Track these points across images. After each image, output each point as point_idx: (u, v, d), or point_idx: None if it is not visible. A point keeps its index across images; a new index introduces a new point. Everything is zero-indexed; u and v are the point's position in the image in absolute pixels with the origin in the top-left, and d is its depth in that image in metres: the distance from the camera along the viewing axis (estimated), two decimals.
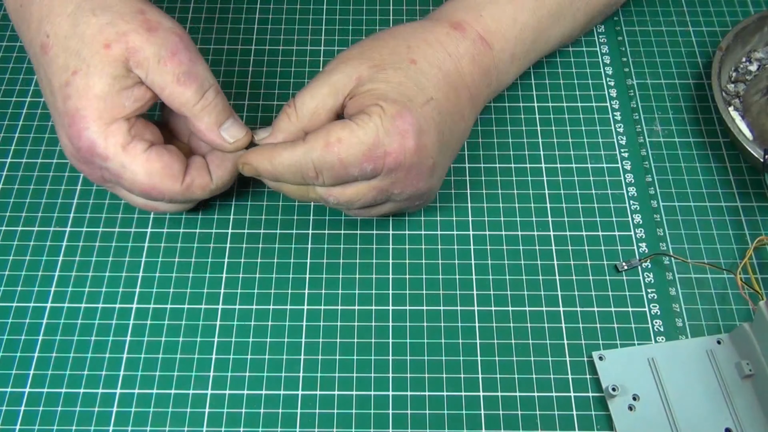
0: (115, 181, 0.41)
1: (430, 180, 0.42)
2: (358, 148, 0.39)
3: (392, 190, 0.41)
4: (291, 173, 0.40)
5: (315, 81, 0.41)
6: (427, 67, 0.41)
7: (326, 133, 0.39)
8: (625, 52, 0.55)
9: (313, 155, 0.39)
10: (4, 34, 0.56)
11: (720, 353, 0.42)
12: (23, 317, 0.44)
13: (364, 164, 0.39)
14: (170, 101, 0.40)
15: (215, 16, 0.57)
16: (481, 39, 0.44)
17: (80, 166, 0.42)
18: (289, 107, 0.41)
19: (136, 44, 0.39)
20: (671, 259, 0.46)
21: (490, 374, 0.42)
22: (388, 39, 0.43)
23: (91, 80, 0.39)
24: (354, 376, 0.42)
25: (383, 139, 0.39)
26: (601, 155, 0.50)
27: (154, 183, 0.40)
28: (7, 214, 0.48)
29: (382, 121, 0.39)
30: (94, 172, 0.42)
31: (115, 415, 0.41)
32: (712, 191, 0.49)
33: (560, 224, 0.48)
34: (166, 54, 0.39)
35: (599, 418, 0.41)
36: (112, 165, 0.40)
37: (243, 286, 0.45)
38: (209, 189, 0.43)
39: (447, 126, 0.42)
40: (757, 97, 0.50)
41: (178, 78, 0.39)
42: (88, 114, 0.39)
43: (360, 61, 0.41)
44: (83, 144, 0.39)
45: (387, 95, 0.40)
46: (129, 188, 0.41)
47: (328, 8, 0.58)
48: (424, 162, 0.40)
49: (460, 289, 0.45)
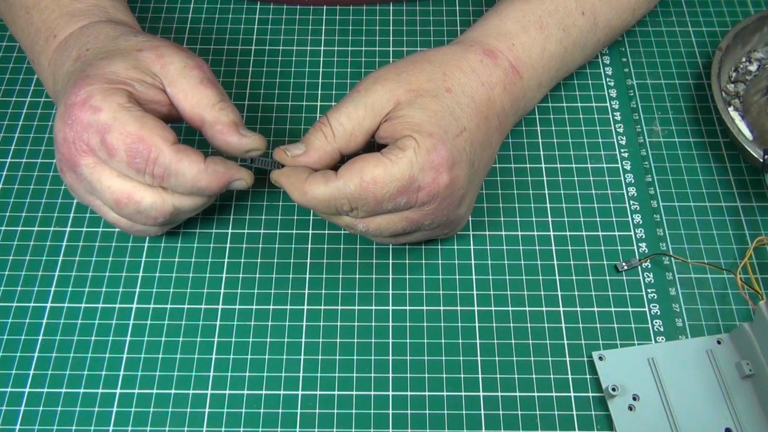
0: (99, 141, 0.38)
1: (460, 209, 0.42)
2: (393, 186, 0.39)
3: (423, 221, 0.41)
4: (323, 206, 0.40)
5: (350, 100, 0.41)
6: (461, 97, 0.41)
7: (360, 170, 0.39)
8: (625, 53, 0.55)
9: (347, 191, 0.39)
10: (4, 34, 0.56)
11: (720, 353, 0.42)
12: (23, 317, 0.44)
13: (398, 199, 0.39)
14: (192, 103, 0.41)
15: (215, 16, 0.57)
16: (512, 68, 0.44)
17: (66, 133, 0.39)
18: (324, 126, 0.41)
19: (165, 53, 0.41)
20: (671, 259, 0.46)
21: (490, 374, 0.42)
22: (424, 64, 0.42)
23: (113, 61, 0.40)
24: (354, 376, 0.42)
25: (417, 175, 0.39)
26: (601, 155, 0.50)
27: (143, 134, 0.38)
28: (7, 214, 0.48)
29: (417, 156, 0.39)
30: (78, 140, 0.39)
31: (115, 415, 0.41)
32: (712, 191, 0.49)
33: (560, 224, 0.48)
34: (192, 64, 0.42)
35: (599, 418, 0.41)
36: (104, 117, 0.38)
37: (243, 286, 0.45)
38: (198, 168, 0.39)
39: (477, 155, 0.42)
40: (757, 97, 0.50)
41: (202, 80, 0.41)
42: (97, 77, 0.39)
43: (397, 84, 0.41)
44: (80, 97, 0.39)
45: (422, 126, 0.40)
46: (112, 144, 0.38)
47: (328, 8, 0.58)
48: (456, 193, 0.41)
49: (460, 289, 0.45)
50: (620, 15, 0.49)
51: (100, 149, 0.39)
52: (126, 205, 0.40)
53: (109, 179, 0.40)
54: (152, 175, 0.39)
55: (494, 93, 0.43)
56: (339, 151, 0.41)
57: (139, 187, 0.40)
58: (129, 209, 0.40)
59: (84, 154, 0.39)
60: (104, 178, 0.40)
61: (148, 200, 0.40)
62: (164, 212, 0.41)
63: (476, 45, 0.44)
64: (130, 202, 0.40)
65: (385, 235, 0.42)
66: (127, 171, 0.39)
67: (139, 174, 0.39)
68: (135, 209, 0.40)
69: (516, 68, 0.44)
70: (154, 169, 0.39)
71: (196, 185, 0.40)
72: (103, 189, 0.40)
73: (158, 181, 0.39)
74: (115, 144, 0.38)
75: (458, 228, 0.45)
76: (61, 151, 0.40)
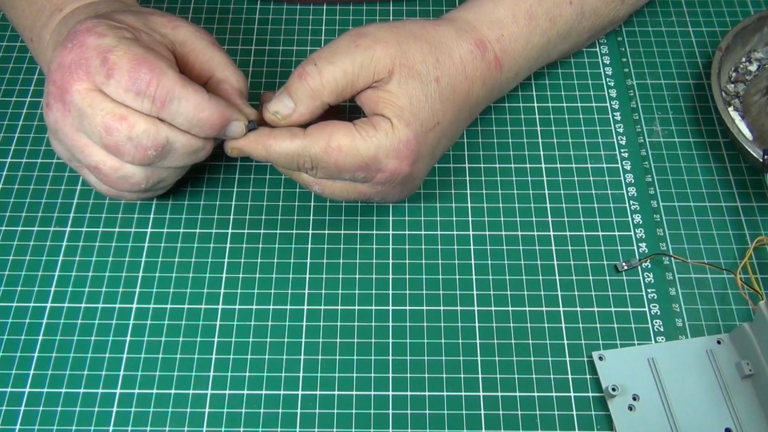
0: (100, 62, 0.37)
1: (410, 190, 0.45)
2: (355, 159, 0.39)
3: (374, 196, 0.43)
4: (285, 160, 0.40)
5: (346, 53, 0.40)
6: (445, 89, 0.42)
7: (329, 135, 0.39)
8: (625, 53, 0.55)
9: (311, 151, 0.39)
10: (4, 34, 0.56)
11: (720, 353, 0.42)
12: (23, 317, 0.44)
13: (356, 172, 0.40)
14: (203, 60, 0.42)
15: (215, 16, 0.57)
16: (496, 60, 0.44)
17: (64, 57, 0.38)
18: (312, 77, 0.40)
19: (177, 19, 0.42)
20: (671, 259, 0.46)
21: (490, 374, 0.42)
22: (423, 43, 0.42)
23: (123, 14, 0.41)
24: (354, 376, 0.42)
25: (381, 158, 0.40)
26: (601, 155, 0.50)
27: (148, 56, 0.37)
28: (7, 214, 0.48)
29: (387, 140, 0.39)
30: (75, 64, 0.37)
31: (115, 415, 0.41)
32: (712, 191, 0.49)
33: (560, 224, 0.48)
34: (200, 32, 0.43)
35: (599, 418, 0.41)
36: (108, 40, 0.37)
37: (243, 286, 0.45)
38: (201, 97, 0.38)
39: (441, 146, 0.44)
40: (757, 97, 0.50)
41: (214, 43, 0.43)
42: (104, 16, 0.39)
43: (397, 53, 0.41)
44: (85, 25, 0.38)
45: (402, 112, 0.40)
46: (115, 61, 0.37)
47: (328, 8, 0.58)
48: (411, 183, 0.43)
49: (460, 289, 0.45)
50: (607, 3, 0.49)
51: (99, 71, 0.37)
52: (117, 130, 0.37)
53: (103, 102, 0.37)
54: (153, 98, 0.37)
55: (474, 87, 0.44)
56: (328, 104, 0.41)
57: (134, 113, 0.38)
58: (120, 135, 0.37)
59: (78, 79, 0.37)
60: (97, 101, 0.37)
61: (142, 125, 0.38)
62: (156, 142, 0.38)
63: (469, 32, 0.44)
64: (123, 126, 0.37)
65: (337, 200, 0.44)
66: (125, 95, 0.37)
67: (139, 97, 0.37)
68: (126, 135, 0.38)
69: (499, 61, 0.45)
70: (157, 91, 0.37)
71: (198, 115, 0.38)
72: (94, 113, 0.37)
73: (158, 106, 0.37)
74: (118, 62, 0.37)
75: (402, 199, 0.47)
76: (53, 79, 0.38)
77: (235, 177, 0.49)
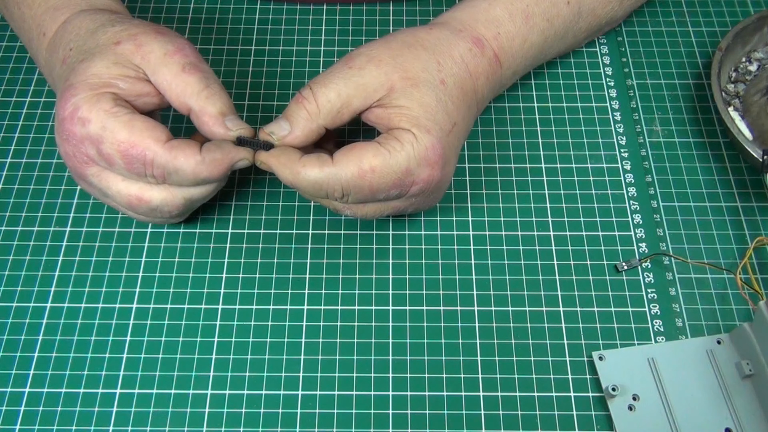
0: (96, 152, 0.39)
1: (439, 197, 0.44)
2: (390, 177, 0.39)
3: (407, 209, 0.43)
4: (313, 189, 0.40)
5: (340, 75, 0.40)
6: (453, 89, 0.42)
7: (358, 158, 0.39)
8: (625, 53, 0.55)
9: (342, 178, 0.39)
10: (4, 34, 0.56)
11: (720, 353, 0.42)
12: (23, 317, 0.44)
13: (391, 190, 0.40)
14: (177, 92, 0.40)
15: (215, 16, 0.57)
16: (495, 58, 0.44)
17: (65, 148, 0.40)
18: (308, 101, 0.40)
19: (144, 41, 0.40)
20: (671, 259, 0.46)
21: (490, 374, 0.42)
22: (419, 50, 0.42)
23: (93, 62, 0.40)
24: (354, 376, 0.42)
25: (414, 169, 0.39)
26: (601, 155, 0.50)
27: (134, 140, 0.38)
28: (7, 214, 0.48)
29: (415, 151, 0.39)
30: (78, 153, 0.39)
31: (115, 415, 0.41)
32: (712, 191, 0.49)
33: (560, 224, 0.48)
34: (173, 48, 0.41)
35: (599, 418, 0.41)
36: (93, 128, 0.38)
37: (243, 286, 0.45)
38: (195, 161, 0.39)
39: (460, 145, 0.44)
40: (757, 97, 0.50)
41: (184, 67, 0.40)
42: (80, 85, 0.39)
43: (393, 68, 0.41)
44: (67, 111, 0.39)
45: (419, 121, 0.40)
46: (108, 153, 0.38)
47: (328, 8, 0.58)
48: (443, 187, 0.43)
49: (460, 289, 0.45)
50: (605, 4, 0.50)
51: (99, 159, 0.39)
52: (138, 206, 0.41)
53: (117, 184, 0.40)
54: (153, 176, 0.39)
55: (479, 83, 0.44)
56: (324, 127, 0.41)
57: (147, 188, 0.40)
58: (142, 209, 0.41)
59: (86, 165, 0.40)
60: (112, 183, 0.40)
61: (157, 198, 0.41)
62: (176, 206, 0.41)
63: (465, 31, 0.44)
64: (141, 203, 0.41)
65: (369, 219, 0.44)
66: (129, 175, 0.40)
67: (141, 177, 0.40)
68: (147, 208, 0.41)
69: (498, 58, 0.45)
70: (153, 171, 0.39)
71: (198, 177, 0.39)
72: (113, 194, 0.41)
73: (161, 180, 0.40)
74: (110, 153, 0.39)
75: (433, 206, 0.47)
76: (68, 165, 0.41)
77: (235, 177, 0.49)
